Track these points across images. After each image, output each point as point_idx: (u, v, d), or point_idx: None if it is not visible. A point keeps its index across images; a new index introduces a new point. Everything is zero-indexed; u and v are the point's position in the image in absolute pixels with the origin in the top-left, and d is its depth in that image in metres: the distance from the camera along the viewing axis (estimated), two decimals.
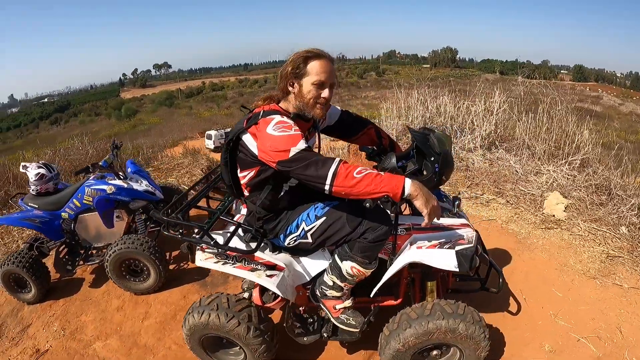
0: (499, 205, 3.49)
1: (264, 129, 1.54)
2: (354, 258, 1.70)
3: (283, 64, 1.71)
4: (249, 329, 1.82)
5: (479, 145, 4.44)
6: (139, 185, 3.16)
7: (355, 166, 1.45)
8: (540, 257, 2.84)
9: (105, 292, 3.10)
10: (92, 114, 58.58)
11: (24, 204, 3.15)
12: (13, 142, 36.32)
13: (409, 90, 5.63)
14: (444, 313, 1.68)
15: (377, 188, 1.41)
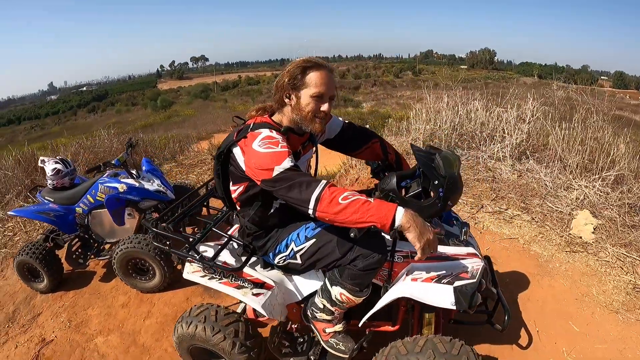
0: (523, 223, 3.33)
1: (250, 143, 1.50)
2: (344, 285, 1.63)
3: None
4: (235, 344, 1.82)
5: (508, 155, 4.24)
6: (150, 185, 3.25)
7: (343, 190, 1.37)
8: (560, 284, 2.67)
9: (114, 288, 3.23)
10: (128, 104, 60.99)
11: (41, 196, 3.32)
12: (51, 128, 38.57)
13: (439, 92, 5.47)
14: (436, 352, 1.53)
15: (364, 217, 1.32)
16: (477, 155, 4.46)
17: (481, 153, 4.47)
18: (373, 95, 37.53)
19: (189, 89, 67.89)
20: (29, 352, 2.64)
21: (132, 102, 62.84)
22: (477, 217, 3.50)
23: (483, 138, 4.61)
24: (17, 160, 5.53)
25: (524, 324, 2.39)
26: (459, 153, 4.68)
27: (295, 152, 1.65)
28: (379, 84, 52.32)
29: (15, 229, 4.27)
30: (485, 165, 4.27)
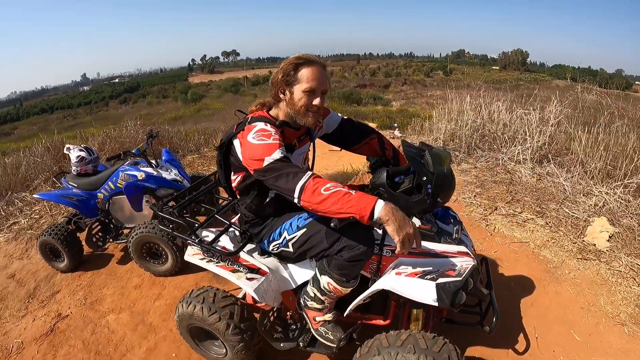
0: (536, 227, 3.30)
1: (246, 135, 1.61)
2: (331, 274, 1.71)
3: (350, 57, 1.72)
4: (229, 325, 1.95)
5: (529, 158, 4.19)
6: (168, 174, 3.45)
7: (326, 182, 1.45)
8: (567, 291, 2.65)
9: (129, 270, 3.45)
10: (159, 96, 62.91)
11: (65, 182, 3.59)
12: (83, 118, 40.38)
13: (465, 93, 5.44)
14: (417, 347, 1.55)
15: (344, 208, 1.39)
16: (497, 157, 4.43)
17: (501, 155, 4.43)
18: (403, 94, 37.13)
19: (219, 82, 69.22)
20: (45, 325, 2.88)
21: (163, 95, 64.77)
22: (489, 219, 3.49)
23: (504, 140, 4.56)
24: (46, 148, 5.94)
25: (524, 329, 2.38)
26: (478, 154, 4.66)
27: (290, 145, 1.76)
28: (409, 83, 51.83)
29: (41, 212, 4.62)
30: (504, 167, 4.24)
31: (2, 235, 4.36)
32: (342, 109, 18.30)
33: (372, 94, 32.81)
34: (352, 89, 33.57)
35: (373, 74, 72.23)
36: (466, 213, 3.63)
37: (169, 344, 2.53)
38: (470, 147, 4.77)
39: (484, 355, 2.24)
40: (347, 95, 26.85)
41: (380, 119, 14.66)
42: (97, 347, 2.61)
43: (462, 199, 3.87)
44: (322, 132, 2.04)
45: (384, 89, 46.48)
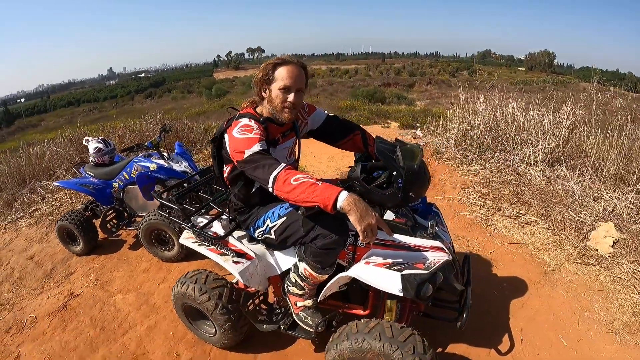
0: (537, 229, 3.36)
1: (231, 130, 1.83)
2: (307, 261, 1.89)
3: (375, 55, 1.89)
4: (217, 305, 2.18)
5: (540, 160, 4.22)
6: (178, 166, 3.72)
7: (296, 173, 1.63)
8: (561, 295, 2.70)
9: (139, 255, 3.77)
10: (184, 91, 64.43)
11: (84, 171, 3.94)
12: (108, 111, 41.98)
13: (484, 93, 5.50)
14: (383, 335, 1.67)
15: (309, 197, 1.56)
16: (508, 158, 4.47)
17: (513, 156, 4.47)
18: (427, 94, 36.74)
19: (244, 79, 70.14)
20: (58, 302, 3.22)
21: (188, 90, 66.22)
22: (490, 220, 3.57)
23: (517, 141, 4.60)
24: (69, 139, 6.43)
25: (509, 330, 2.45)
26: (489, 155, 4.71)
27: (273, 140, 1.95)
28: (434, 83, 51.22)
29: (62, 199, 5.05)
30: (514, 169, 4.29)
31: (24, 220, 4.81)
32: (365, 108, 18.33)
33: (396, 93, 32.65)
34: (376, 88, 33.53)
35: (398, 73, 71.65)
36: (468, 213, 3.72)
37: (168, 323, 2.79)
38: (482, 147, 4.82)
39: (465, 352, 2.34)
40: (371, 94, 26.86)
41: (403, 118, 14.64)
42: (103, 324, 2.90)
43: (467, 199, 3.96)
44: (307, 128, 2.22)
45: (408, 88, 46.17)
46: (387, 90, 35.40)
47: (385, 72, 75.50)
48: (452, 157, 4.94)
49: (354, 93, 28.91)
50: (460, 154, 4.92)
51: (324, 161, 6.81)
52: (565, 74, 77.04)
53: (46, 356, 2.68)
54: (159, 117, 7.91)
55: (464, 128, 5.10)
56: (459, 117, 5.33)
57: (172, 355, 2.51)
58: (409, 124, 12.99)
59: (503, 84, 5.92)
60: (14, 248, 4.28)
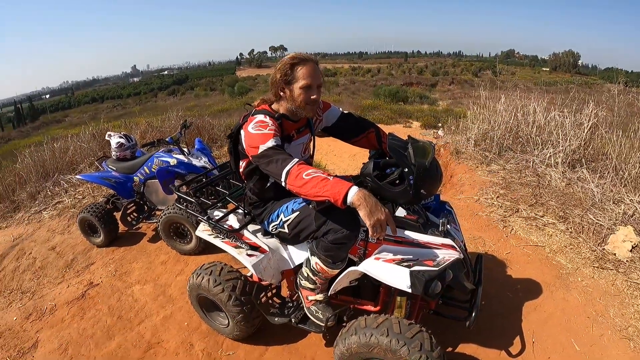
0: (555, 232, 3.32)
1: (247, 126, 1.89)
2: (319, 255, 1.94)
3: (398, 54, 1.92)
4: (230, 297, 2.25)
5: (560, 161, 4.17)
6: (198, 161, 3.82)
7: (308, 168, 1.69)
8: (575, 299, 2.67)
9: (158, 248, 3.88)
10: (207, 89, 65.41)
11: (106, 165, 4.09)
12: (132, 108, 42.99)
13: (505, 93, 5.45)
14: (390, 331, 1.70)
15: (320, 192, 1.61)
16: (528, 159, 4.43)
17: (533, 157, 4.43)
18: (450, 94, 36.30)
19: (266, 77, 70.35)
20: (77, 291, 3.36)
21: (211, 88, 67.24)
22: (508, 220, 3.55)
23: (537, 142, 4.55)
24: (92, 135, 6.65)
25: (521, 332, 2.44)
26: (509, 155, 4.68)
27: (287, 136, 2.01)
28: (457, 82, 50.65)
29: (84, 193, 5.25)
30: (534, 170, 4.24)
31: (47, 212, 5.02)
32: (387, 107, 18.27)
33: (418, 93, 32.40)
34: (398, 87, 33.32)
35: (420, 73, 71.45)
36: (486, 213, 3.71)
37: (183, 314, 2.88)
38: (502, 148, 4.79)
39: (475, 353, 2.34)
40: (393, 93, 26.71)
41: (425, 118, 14.57)
42: (120, 312, 3.02)
43: (484, 199, 3.94)
44: (322, 125, 2.26)
45: (430, 87, 45.78)
46: (409, 89, 35.16)
47: (407, 71, 75.36)
48: (472, 157, 4.92)
49: (376, 92, 28.81)
50: (480, 154, 4.89)
51: (345, 159, 6.87)
52: (590, 74, 75.56)
53: (64, 342, 2.80)
54: (181, 114, 8.08)
55: (484, 128, 5.06)
56: (479, 117, 5.29)
57: (186, 345, 2.60)
58: (431, 123, 12.93)
59: (526, 84, 5.83)
60: (36, 238, 4.47)
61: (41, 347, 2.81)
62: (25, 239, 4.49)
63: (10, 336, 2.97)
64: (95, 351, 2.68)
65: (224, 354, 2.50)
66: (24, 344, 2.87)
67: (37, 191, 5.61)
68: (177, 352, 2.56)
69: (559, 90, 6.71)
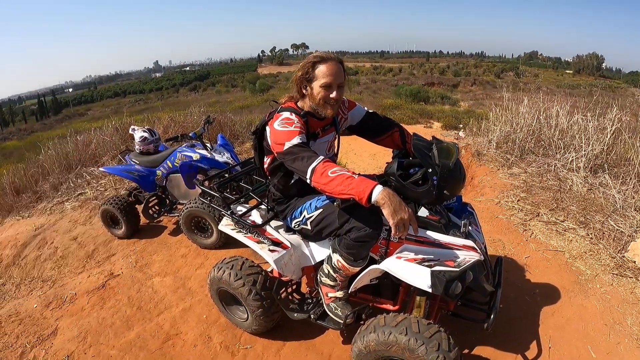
0: (575, 237, 3.28)
1: (273, 123, 1.92)
2: (340, 253, 1.96)
3: (420, 54, 1.92)
4: (251, 291, 2.29)
5: (582, 166, 4.11)
6: (220, 156, 3.87)
7: (333, 165, 1.71)
8: (593, 306, 2.63)
9: (178, 241, 3.96)
10: (228, 85, 66.16)
11: (129, 158, 4.18)
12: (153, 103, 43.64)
13: (519, 95, 5.39)
14: (409, 330, 1.71)
15: (346, 189, 1.63)
16: (550, 163, 4.38)
17: (555, 161, 4.37)
18: (472, 95, 35.88)
19: (287, 74, 70.34)
20: (97, 281, 3.46)
21: (232, 84, 67.84)
22: (528, 224, 3.52)
23: (560, 146, 4.49)
24: (115, 128, 6.79)
25: (538, 337, 2.42)
26: (531, 159, 4.63)
27: (313, 134, 2.03)
28: (479, 83, 50.05)
29: (106, 185, 5.38)
30: (555, 174, 4.19)
31: (69, 203, 5.16)
32: (408, 107, 18.18)
33: (440, 93, 32.04)
34: (419, 87, 33.06)
35: (442, 73, 70.87)
36: (506, 217, 3.68)
37: (202, 306, 2.94)
38: (524, 150, 4.74)
39: (491, 356, 2.34)
40: (414, 93, 26.49)
41: (446, 119, 14.46)
42: (139, 303, 3.10)
43: (505, 202, 3.91)
44: (347, 124, 2.28)
45: (452, 88, 45.31)
46: (430, 89, 34.85)
47: (429, 71, 74.83)
48: (493, 159, 4.87)
49: (398, 91, 28.61)
50: (501, 156, 4.84)
51: (365, 159, 6.87)
52: (614, 78, 74.01)
53: (83, 331, 2.89)
54: (203, 110, 8.18)
55: (506, 130, 5.01)
56: (502, 119, 5.24)
57: (204, 337, 2.65)
58: (452, 124, 12.82)
59: (549, 87, 5.76)
60: (58, 229, 4.60)
61: (60, 335, 2.90)
62: (47, 229, 4.63)
63: (30, 323, 3.07)
64: (114, 340, 2.76)
65: (241, 347, 2.55)
66: (44, 331, 2.96)
67: (59, 182, 5.77)
68: (195, 344, 2.62)
69: (582, 93, 6.60)
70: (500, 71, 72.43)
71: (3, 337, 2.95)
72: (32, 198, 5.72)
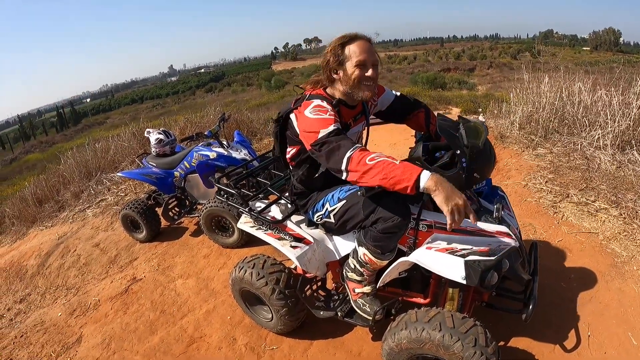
0: (608, 217, 3.10)
1: (303, 110, 1.77)
2: (367, 246, 1.84)
3: (434, 40, 1.78)
4: (274, 290, 2.19)
5: (609, 143, 3.90)
6: (237, 153, 3.78)
7: (371, 152, 1.56)
8: (632, 289, 2.45)
9: (200, 242, 3.92)
10: (244, 84, 66.09)
11: (146, 161, 4.14)
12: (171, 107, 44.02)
13: (538, 75, 5.17)
14: (443, 325, 1.60)
15: (388, 177, 1.46)
16: (576, 142, 4.18)
17: (580, 139, 4.17)
18: (489, 78, 35.17)
19: (302, 69, 70.03)
20: (120, 286, 3.43)
21: (248, 83, 67.73)
22: (558, 206, 3.35)
23: (584, 123, 4.28)
24: (132, 133, 6.82)
25: (576, 325, 2.28)
26: (556, 138, 4.43)
27: (345, 124, 1.89)
28: (495, 66, 49.00)
29: (126, 190, 5.38)
30: (582, 153, 4.00)
31: (91, 210, 5.18)
32: (426, 94, 17.97)
33: (456, 78, 31.57)
34: (436, 73, 32.63)
35: (457, 58, 69.70)
36: (535, 199, 3.52)
37: (226, 308, 2.87)
38: (548, 130, 4.54)
39: (528, 347, 2.20)
40: (431, 80, 26.17)
41: (465, 104, 14.21)
42: (163, 307, 3.05)
43: (532, 184, 3.74)
44: (377, 109, 2.15)
45: (469, 72, 44.59)
46: (447, 75, 34.39)
47: (444, 56, 73.76)
48: (517, 141, 4.69)
49: (414, 79, 28.33)
50: (525, 137, 4.66)
51: (385, 149, 6.72)
52: (632, 52, 71.62)
53: (107, 337, 2.86)
54: (219, 109, 8.14)
55: (529, 110, 4.81)
56: (523, 99, 5.04)
57: (229, 339, 2.58)
58: (471, 109, 12.54)
59: (568, 65, 5.51)
60: (80, 236, 4.62)
61: (85, 342, 2.88)
62: (70, 237, 4.66)
63: (55, 332, 3.07)
64: (138, 346, 2.71)
65: (267, 348, 2.47)
66: (68, 339, 2.95)
67: (80, 190, 5.82)
68: (220, 346, 2.55)
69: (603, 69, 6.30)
70: (517, 52, 70.81)
71: (29, 346, 2.95)
72: (54, 207, 5.78)
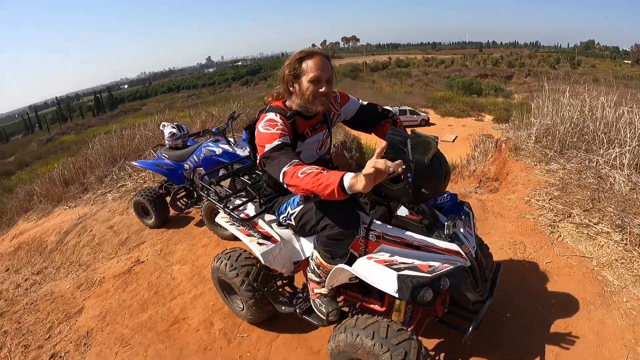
0: (608, 242, 2.99)
1: (258, 124, 1.92)
2: (319, 249, 1.97)
3: (472, 45, 1.84)
4: (244, 282, 2.38)
5: (626, 163, 3.75)
6: (242, 151, 3.99)
7: (303, 166, 1.67)
8: (614, 322, 2.36)
9: (202, 232, 4.17)
10: None
11: (160, 153, 4.44)
12: (206, 97, 45.50)
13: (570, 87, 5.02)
14: (376, 334, 1.65)
15: (316, 184, 1.58)
16: (592, 159, 4.03)
17: (597, 157, 4.02)
18: (526, 86, 33.60)
19: (338, 68, 69.95)
20: (125, 266, 3.76)
21: None
22: (557, 226, 3.27)
23: (603, 140, 4.12)
24: (157, 124, 7.24)
25: (543, 354, 2.24)
26: (573, 154, 4.30)
27: (300, 134, 2.02)
28: (533, 74, 47.01)
29: (146, 178, 5.77)
30: (596, 171, 3.85)
31: (111, 194, 5.62)
32: (460, 100, 17.60)
33: (493, 85, 30.65)
34: (472, 79, 31.90)
35: (495, 64, 67.92)
36: (534, 217, 3.46)
37: (211, 294, 3.09)
38: (565, 145, 4.40)
39: None
40: (466, 85, 25.61)
41: (498, 112, 13.83)
42: (157, 288, 3.34)
43: (536, 201, 3.66)
44: (340, 119, 2.24)
45: (506, 79, 43.09)
46: (483, 81, 33.48)
47: (482, 62, 71.96)
48: (531, 154, 4.57)
49: (449, 84, 27.84)
50: (540, 151, 4.53)
51: None
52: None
53: (104, 310, 3.17)
54: (240, 104, 8.44)
55: (547, 123, 4.68)
56: (542, 111, 4.91)
57: (207, 323, 2.81)
58: (503, 117, 12.21)
59: (606, 77, 5.28)
60: (98, 218, 5.04)
61: (85, 313, 3.21)
62: (89, 218, 5.09)
63: (61, 302, 3.43)
64: (128, 320, 3.00)
65: (238, 335, 2.67)
66: (71, 310, 3.29)
67: (104, 175, 6.29)
68: (198, 328, 2.78)
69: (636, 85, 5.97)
70: (556, 61, 67.57)
71: (36, 313, 3.33)
72: (79, 189, 6.29)
